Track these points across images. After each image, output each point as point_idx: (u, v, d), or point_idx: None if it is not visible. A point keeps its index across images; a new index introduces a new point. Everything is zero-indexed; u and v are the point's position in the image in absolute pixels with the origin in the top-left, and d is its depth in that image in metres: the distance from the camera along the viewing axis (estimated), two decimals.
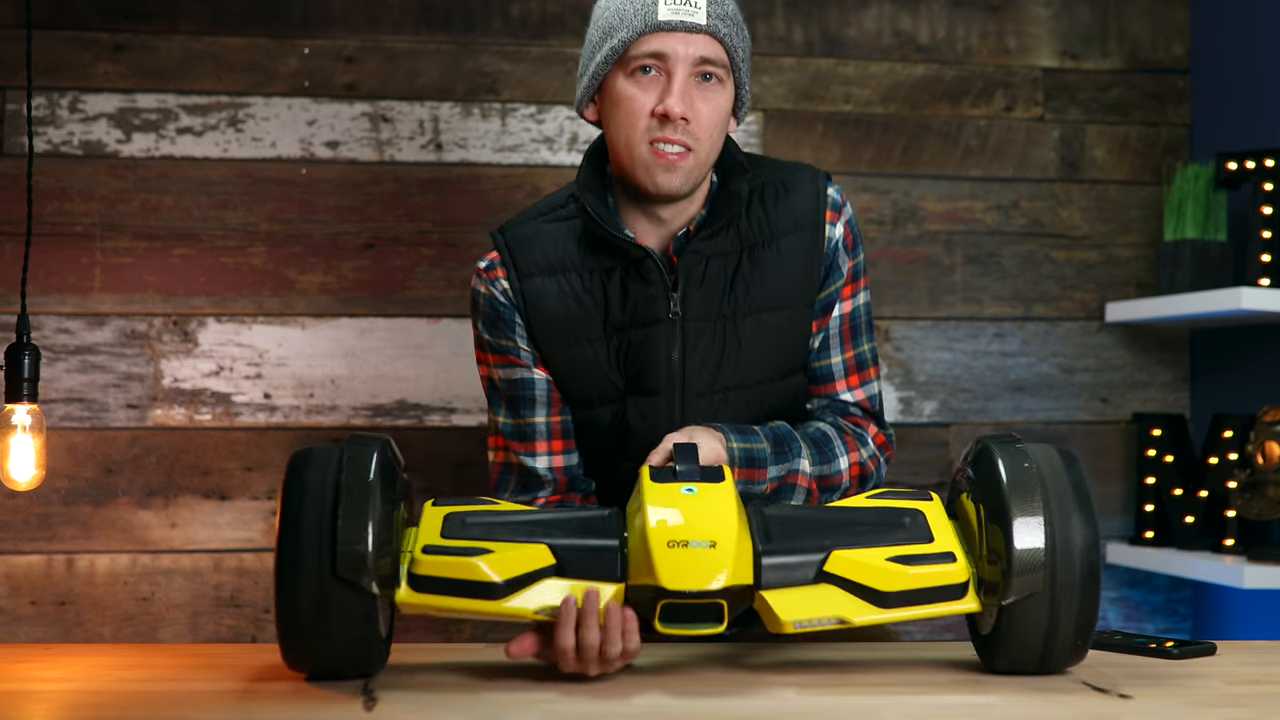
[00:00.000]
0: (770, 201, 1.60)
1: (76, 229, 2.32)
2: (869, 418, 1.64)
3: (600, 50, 1.54)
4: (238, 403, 2.34)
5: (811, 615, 1.17)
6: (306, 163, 2.38)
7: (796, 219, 1.59)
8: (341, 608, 1.14)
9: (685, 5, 1.49)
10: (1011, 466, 1.19)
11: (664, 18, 1.49)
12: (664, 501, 1.19)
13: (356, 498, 1.15)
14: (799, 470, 1.53)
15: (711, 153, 1.55)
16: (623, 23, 1.51)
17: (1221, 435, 2.32)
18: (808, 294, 1.60)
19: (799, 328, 1.61)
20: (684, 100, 1.50)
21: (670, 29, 1.50)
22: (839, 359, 1.63)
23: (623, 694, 1.16)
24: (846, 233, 1.62)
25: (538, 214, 1.65)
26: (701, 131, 1.52)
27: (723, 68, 1.53)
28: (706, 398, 1.57)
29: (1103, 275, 2.57)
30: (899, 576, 1.18)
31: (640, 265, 1.56)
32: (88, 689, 1.20)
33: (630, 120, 1.52)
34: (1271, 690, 1.24)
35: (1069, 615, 1.16)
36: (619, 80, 1.53)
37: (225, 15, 2.37)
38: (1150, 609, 2.56)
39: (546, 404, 1.61)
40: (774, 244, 1.58)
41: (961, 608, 1.20)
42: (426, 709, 1.11)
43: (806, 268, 1.59)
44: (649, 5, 1.50)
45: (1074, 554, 1.15)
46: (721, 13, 1.52)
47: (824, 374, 1.64)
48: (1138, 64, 2.61)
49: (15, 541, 2.28)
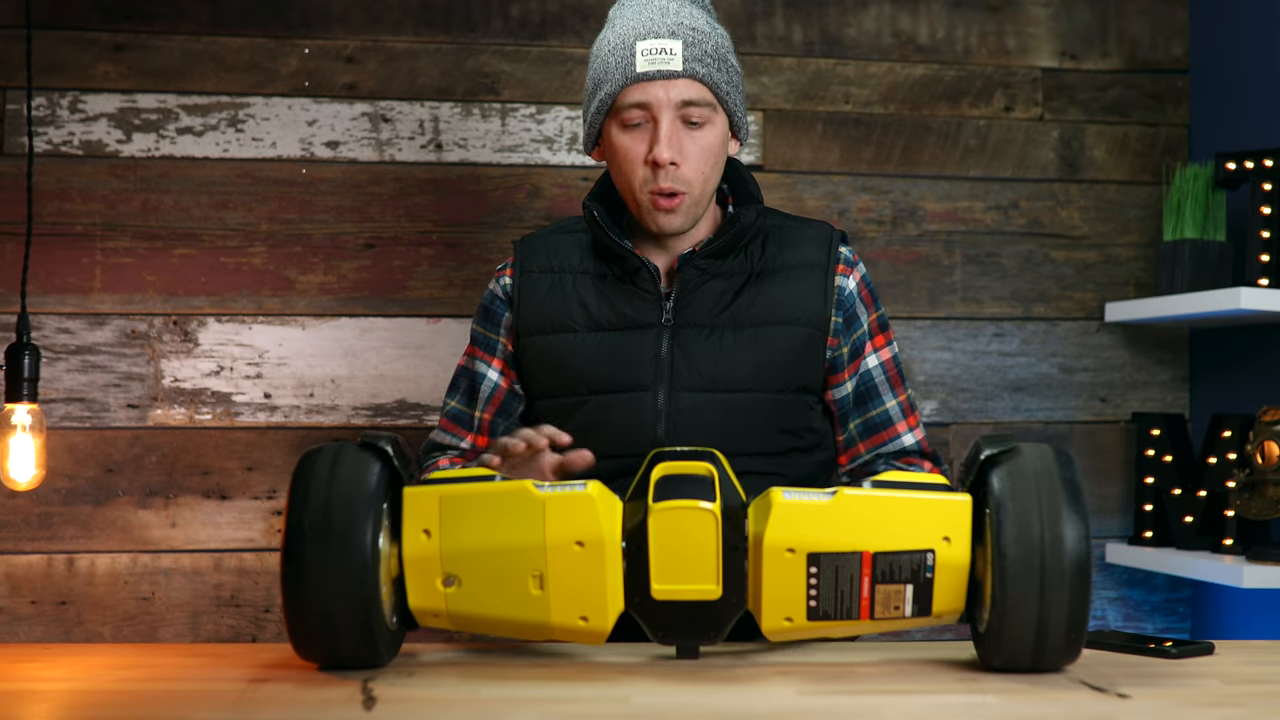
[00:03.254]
0: (784, 241, 1.67)
1: (77, 229, 2.32)
2: (926, 458, 1.68)
3: (593, 101, 1.62)
4: (238, 403, 2.34)
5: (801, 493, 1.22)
6: (307, 163, 2.38)
7: (806, 259, 1.66)
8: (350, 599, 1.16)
9: (661, 54, 1.56)
10: (1002, 465, 1.20)
11: (641, 69, 1.57)
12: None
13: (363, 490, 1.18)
14: None
15: (707, 187, 1.62)
16: (607, 76, 1.59)
17: (1221, 435, 2.32)
18: (816, 320, 1.63)
19: (802, 348, 1.63)
20: (671, 146, 1.57)
21: (649, 79, 1.57)
22: (894, 403, 1.67)
23: (622, 694, 1.17)
24: (861, 287, 1.68)
25: (556, 228, 1.74)
26: (693, 173, 1.59)
27: (708, 106, 1.59)
28: (694, 395, 1.59)
29: (1102, 275, 2.58)
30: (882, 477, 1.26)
31: (636, 275, 1.63)
32: (88, 689, 1.20)
33: (627, 170, 1.60)
34: (1270, 690, 1.24)
35: (1060, 611, 1.17)
36: (613, 130, 1.61)
37: (225, 15, 2.37)
38: (1149, 609, 2.56)
39: (488, 403, 1.71)
40: (782, 272, 1.64)
41: (953, 498, 1.21)
42: (426, 709, 1.11)
43: (815, 295, 1.64)
44: (628, 59, 1.57)
45: (1064, 550, 1.16)
46: (699, 54, 1.58)
47: (882, 420, 1.67)
48: (1137, 64, 2.61)
49: (15, 541, 2.28)
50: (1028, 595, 1.16)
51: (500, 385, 1.71)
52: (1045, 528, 1.17)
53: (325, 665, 1.22)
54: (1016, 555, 1.16)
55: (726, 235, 1.62)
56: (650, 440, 1.59)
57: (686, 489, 1.22)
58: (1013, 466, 1.20)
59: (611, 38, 1.60)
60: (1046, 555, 1.16)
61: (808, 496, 1.20)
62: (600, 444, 1.60)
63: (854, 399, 1.67)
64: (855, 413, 1.67)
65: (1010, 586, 1.16)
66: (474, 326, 1.74)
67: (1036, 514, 1.17)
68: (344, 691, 1.15)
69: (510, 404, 1.71)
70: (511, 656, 1.34)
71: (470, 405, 1.72)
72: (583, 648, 1.38)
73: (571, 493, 1.20)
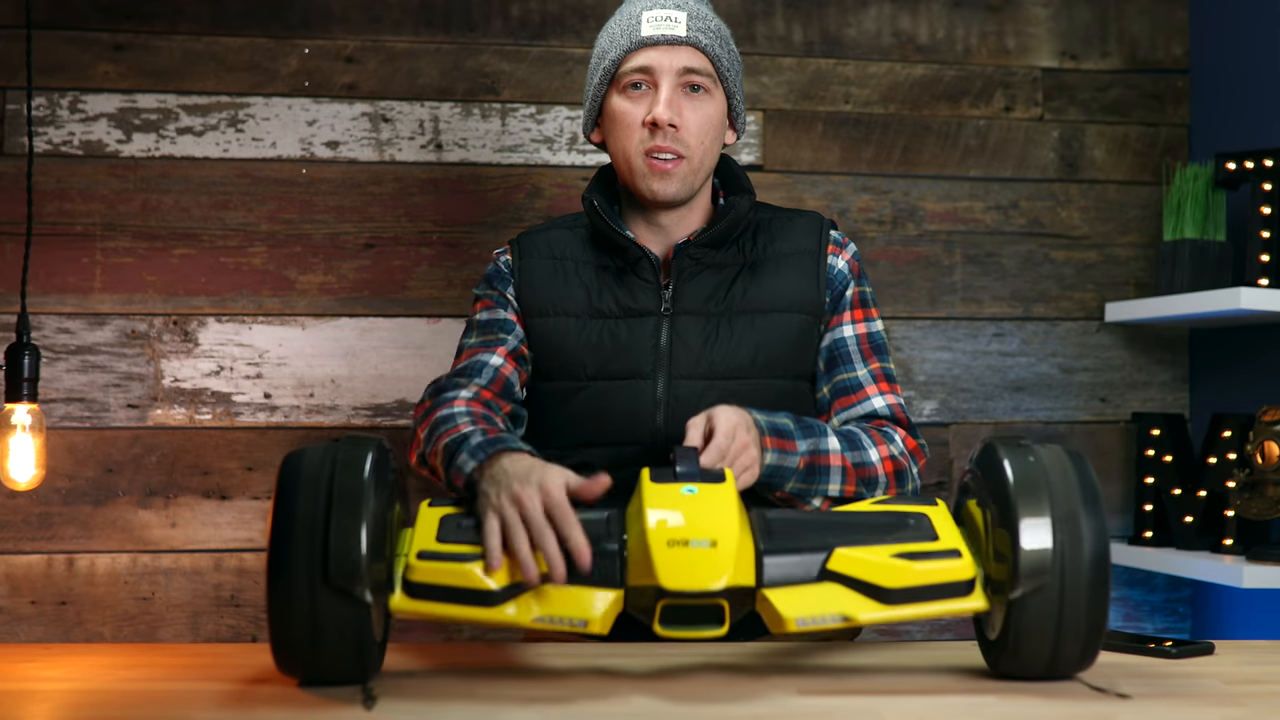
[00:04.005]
0: (776, 230, 1.68)
1: (77, 229, 2.32)
2: (898, 424, 1.65)
3: (597, 73, 1.65)
4: (238, 402, 2.34)
5: (815, 613, 1.16)
6: (306, 163, 2.38)
7: (798, 247, 1.67)
8: (334, 614, 1.11)
9: (666, 20, 1.61)
10: (1017, 467, 1.17)
11: (646, 33, 1.60)
12: (664, 503, 1.18)
13: (350, 502, 1.13)
14: (829, 450, 1.51)
15: (705, 159, 1.63)
16: (612, 44, 1.63)
17: (1220, 435, 2.32)
18: (810, 305, 1.64)
19: (797, 333, 1.64)
20: (671, 108, 1.60)
21: (654, 43, 1.61)
22: (864, 370, 1.65)
23: (622, 696, 1.16)
24: (852, 264, 1.68)
25: (553, 224, 1.75)
26: (691, 138, 1.61)
27: (708, 77, 1.62)
28: (692, 382, 1.59)
29: (1102, 275, 2.58)
30: (904, 573, 1.17)
31: (636, 264, 1.64)
32: (88, 689, 1.20)
33: (625, 133, 1.62)
34: (1270, 689, 1.24)
35: (1077, 619, 1.14)
36: (614, 98, 1.64)
37: (225, 15, 2.37)
38: (1149, 608, 2.56)
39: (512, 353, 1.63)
40: (775, 261, 1.66)
41: (968, 605, 1.18)
42: (426, 709, 1.11)
43: (809, 281, 1.65)
44: (633, 24, 1.62)
45: (1083, 556, 1.14)
46: (703, 26, 1.62)
47: (852, 384, 1.65)
48: (1137, 64, 2.61)
49: (15, 541, 2.28)
50: (1045, 604, 1.14)
51: (523, 341, 1.65)
52: (1063, 533, 1.14)
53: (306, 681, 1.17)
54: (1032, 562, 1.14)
55: (720, 224, 1.63)
56: (650, 427, 1.59)
57: (694, 616, 1.17)
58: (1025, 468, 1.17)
59: (617, 15, 1.66)
60: (1065, 563, 1.14)
61: (821, 620, 1.16)
62: (599, 431, 1.61)
63: (825, 365, 1.66)
64: (825, 377, 1.66)
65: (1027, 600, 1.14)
66: (483, 288, 1.69)
67: (1052, 519, 1.15)
68: (344, 691, 1.15)
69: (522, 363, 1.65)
70: (511, 657, 1.34)
71: (488, 351, 1.63)
72: (582, 648, 1.38)
73: (572, 629, 1.17)
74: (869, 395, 1.64)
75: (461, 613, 1.17)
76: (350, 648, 1.13)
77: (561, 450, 1.63)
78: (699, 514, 1.17)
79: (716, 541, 1.15)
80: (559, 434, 1.65)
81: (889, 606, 1.17)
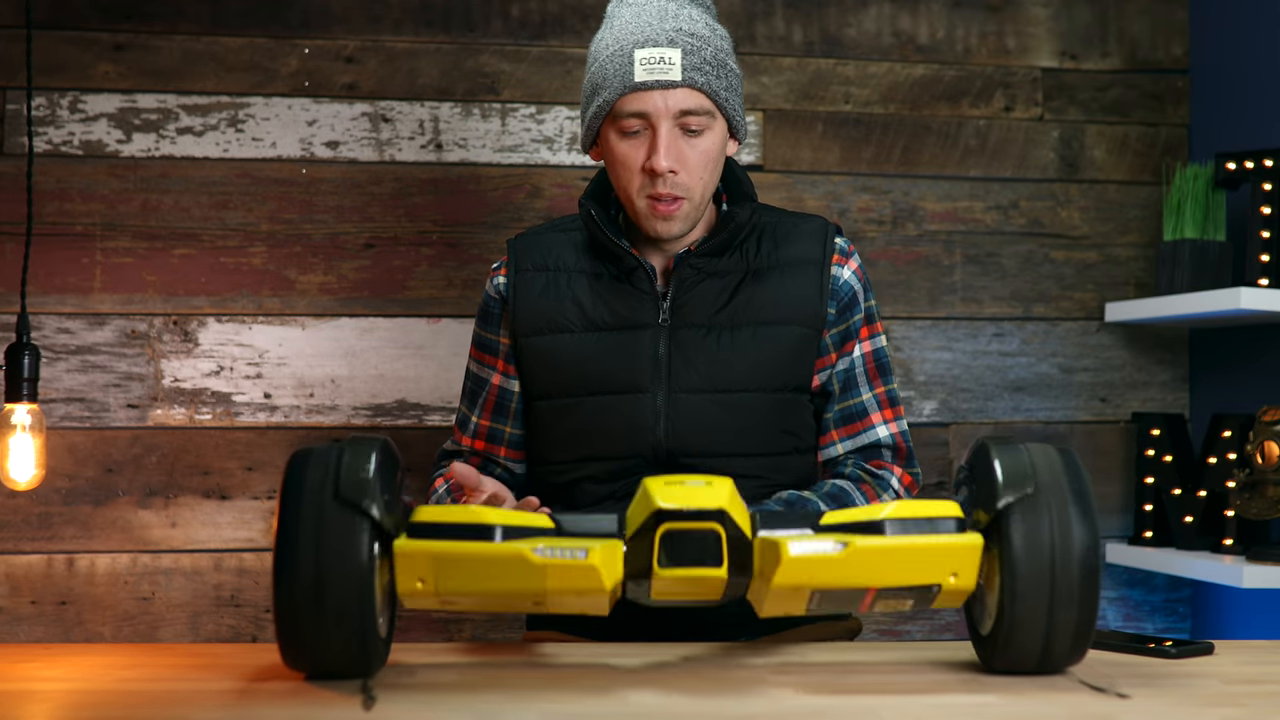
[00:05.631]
0: (780, 237, 1.66)
1: (76, 229, 2.32)
2: (898, 458, 1.66)
3: (591, 104, 1.61)
4: (238, 402, 2.34)
5: (812, 544, 1.17)
6: (306, 163, 2.38)
7: (802, 255, 1.65)
8: (340, 602, 1.13)
9: (659, 64, 1.55)
10: (1006, 461, 1.18)
11: (640, 79, 1.55)
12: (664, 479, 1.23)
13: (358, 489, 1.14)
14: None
15: (705, 191, 1.61)
16: (606, 82, 1.57)
17: (1220, 435, 2.32)
18: (812, 318, 1.63)
19: (799, 347, 1.63)
20: (669, 154, 1.56)
21: (647, 88, 1.55)
22: (869, 395, 1.67)
23: (620, 694, 1.17)
24: (859, 274, 1.68)
25: (550, 226, 1.74)
26: (692, 179, 1.58)
27: (706, 114, 1.58)
28: (692, 395, 1.58)
29: (1102, 275, 2.58)
30: (894, 509, 1.19)
31: (633, 274, 1.62)
32: (88, 689, 1.20)
33: (625, 174, 1.59)
34: (1270, 690, 1.24)
35: (1068, 615, 1.15)
36: (611, 135, 1.60)
37: (225, 15, 2.37)
38: (1149, 608, 2.56)
39: (483, 407, 1.72)
40: (778, 270, 1.64)
41: (965, 541, 1.18)
42: (426, 709, 1.11)
43: (812, 292, 1.64)
44: (627, 67, 1.56)
45: (1073, 553, 1.15)
46: (698, 62, 1.56)
47: (857, 411, 1.66)
48: (1137, 64, 2.61)
49: (15, 541, 2.28)
50: (1036, 605, 1.15)
51: (496, 385, 1.71)
52: (1053, 530, 1.16)
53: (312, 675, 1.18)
54: (1026, 567, 1.14)
55: (721, 234, 1.62)
56: (650, 442, 1.59)
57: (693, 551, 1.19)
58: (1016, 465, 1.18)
59: (610, 40, 1.59)
60: (1055, 559, 1.15)
61: (817, 548, 1.17)
62: (600, 445, 1.60)
63: (839, 387, 1.67)
64: (834, 400, 1.67)
65: (1019, 598, 1.15)
66: (475, 330, 1.75)
67: (1044, 515, 1.16)
68: (344, 691, 1.15)
69: (506, 402, 1.71)
70: (511, 657, 1.34)
71: (471, 408, 1.74)
72: (582, 647, 1.38)
73: (573, 560, 1.16)
74: (873, 424, 1.66)
75: (463, 548, 1.18)
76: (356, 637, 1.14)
77: (563, 465, 1.64)
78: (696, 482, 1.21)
79: (711, 482, 1.20)
80: (560, 449, 1.65)
81: (884, 536, 1.17)
